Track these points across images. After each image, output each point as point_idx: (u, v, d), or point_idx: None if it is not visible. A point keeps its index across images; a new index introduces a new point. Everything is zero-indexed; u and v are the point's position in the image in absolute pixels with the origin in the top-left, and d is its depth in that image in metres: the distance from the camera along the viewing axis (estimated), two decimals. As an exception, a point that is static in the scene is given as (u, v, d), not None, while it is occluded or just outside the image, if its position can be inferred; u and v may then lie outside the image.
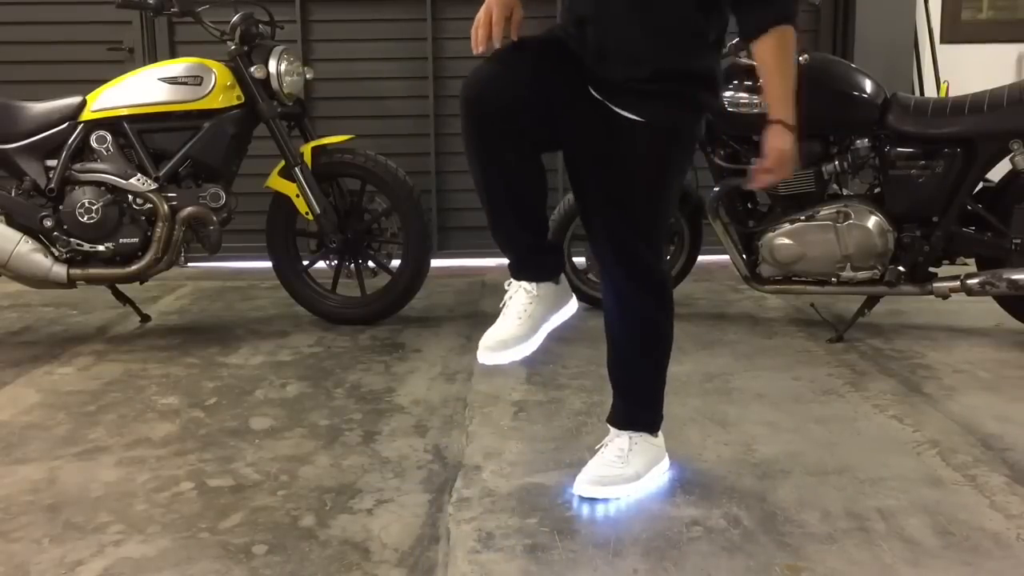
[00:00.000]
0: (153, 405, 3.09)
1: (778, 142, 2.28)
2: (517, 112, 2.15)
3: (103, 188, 3.73)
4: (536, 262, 2.33)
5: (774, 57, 2.24)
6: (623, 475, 2.36)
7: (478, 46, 2.22)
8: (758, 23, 2.21)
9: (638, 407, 2.45)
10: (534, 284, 2.31)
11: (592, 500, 2.33)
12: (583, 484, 2.37)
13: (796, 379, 3.27)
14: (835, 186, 3.82)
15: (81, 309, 4.37)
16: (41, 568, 2.05)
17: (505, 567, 2.04)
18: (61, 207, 3.73)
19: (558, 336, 3.81)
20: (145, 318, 4.16)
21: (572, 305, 2.41)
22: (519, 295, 2.31)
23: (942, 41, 5.45)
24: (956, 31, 5.51)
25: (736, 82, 3.74)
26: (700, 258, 4.28)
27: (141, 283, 3.97)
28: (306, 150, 3.91)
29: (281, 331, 3.99)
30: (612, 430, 2.45)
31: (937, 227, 3.65)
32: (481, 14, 2.21)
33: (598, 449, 2.44)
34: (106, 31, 5.28)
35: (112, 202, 3.73)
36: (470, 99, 2.18)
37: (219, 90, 3.76)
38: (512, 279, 2.34)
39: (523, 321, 2.29)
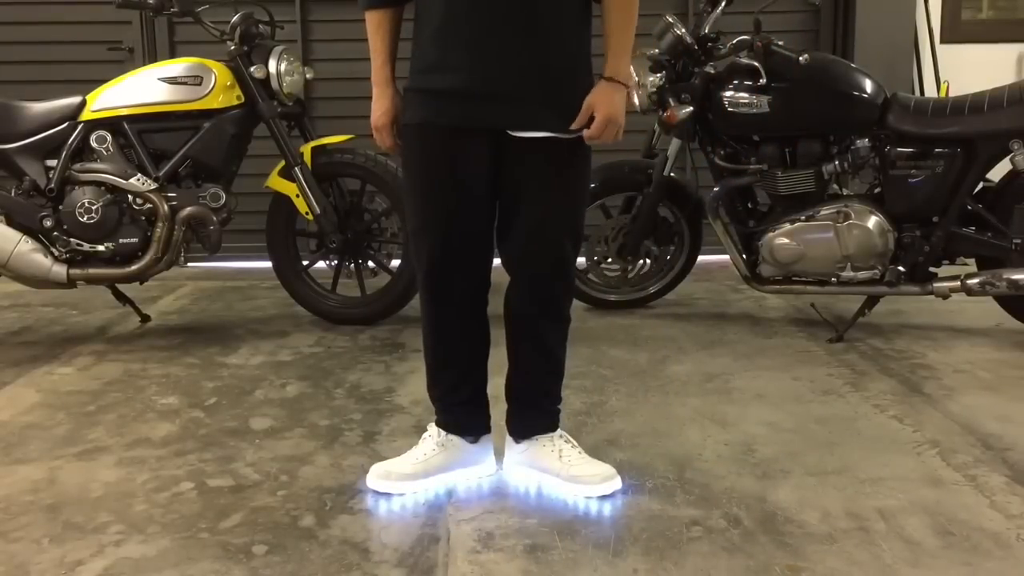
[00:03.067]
0: (153, 405, 3.09)
1: (613, 99, 2.20)
2: (481, 275, 2.33)
3: (103, 188, 3.73)
4: (458, 417, 2.44)
5: (620, 12, 2.22)
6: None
7: (388, 147, 2.37)
8: None
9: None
10: (445, 435, 2.43)
11: (593, 500, 2.33)
12: (597, 487, 2.36)
13: (796, 379, 3.27)
14: (835, 186, 3.83)
15: (81, 309, 4.37)
16: (41, 568, 2.05)
17: (505, 567, 2.04)
18: (61, 207, 3.73)
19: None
20: (145, 318, 4.16)
21: (487, 467, 2.48)
22: (429, 441, 2.45)
23: (942, 41, 5.45)
24: (956, 31, 5.51)
25: (736, 82, 3.74)
26: (700, 258, 4.29)
27: (141, 283, 3.96)
28: (306, 150, 3.91)
29: (281, 331, 3.99)
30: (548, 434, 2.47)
31: (937, 227, 3.65)
32: (384, 121, 2.32)
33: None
34: (106, 31, 5.28)
35: (112, 202, 3.72)
36: (429, 276, 2.34)
37: (219, 90, 3.76)
38: (434, 423, 2.47)
39: (418, 464, 2.41)
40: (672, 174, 4.08)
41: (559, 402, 2.49)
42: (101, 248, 3.74)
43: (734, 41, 3.74)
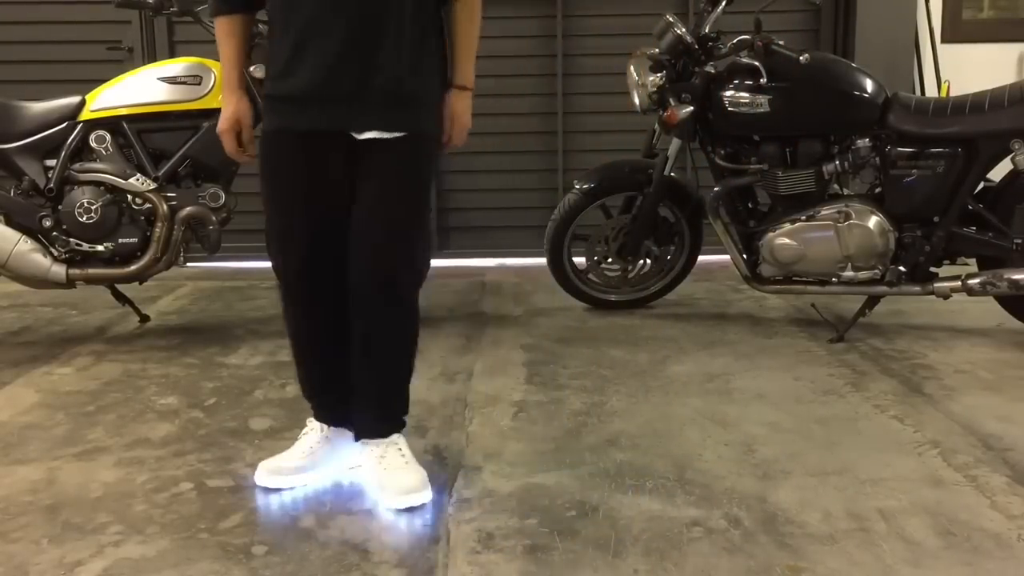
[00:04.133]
0: (152, 405, 3.09)
1: (465, 107, 2.36)
2: (343, 275, 2.33)
3: (102, 188, 3.72)
4: (336, 409, 2.49)
5: (465, 23, 2.32)
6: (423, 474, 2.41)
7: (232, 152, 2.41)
8: None
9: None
10: (328, 427, 2.50)
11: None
12: (397, 498, 2.34)
13: (797, 379, 3.27)
14: (836, 186, 3.83)
15: (80, 309, 4.37)
16: (40, 568, 2.05)
17: (505, 567, 2.03)
18: (60, 207, 3.72)
19: (558, 336, 3.84)
20: (144, 318, 4.15)
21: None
22: (312, 434, 2.50)
23: (943, 41, 5.45)
24: (957, 31, 5.51)
25: (736, 82, 3.74)
26: (700, 258, 4.28)
27: (140, 283, 3.96)
28: (306, 150, 3.90)
29: (281, 331, 3.93)
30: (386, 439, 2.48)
31: (938, 227, 3.65)
32: (226, 127, 2.37)
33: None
34: (106, 31, 5.28)
35: (111, 202, 3.72)
36: (290, 281, 2.40)
37: (219, 90, 3.74)
38: (312, 418, 2.52)
39: (305, 456, 2.47)
40: (672, 174, 4.07)
41: (398, 407, 2.49)
42: (100, 248, 3.74)
43: (734, 41, 3.74)
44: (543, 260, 4.31)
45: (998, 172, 3.66)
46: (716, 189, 3.87)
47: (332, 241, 2.31)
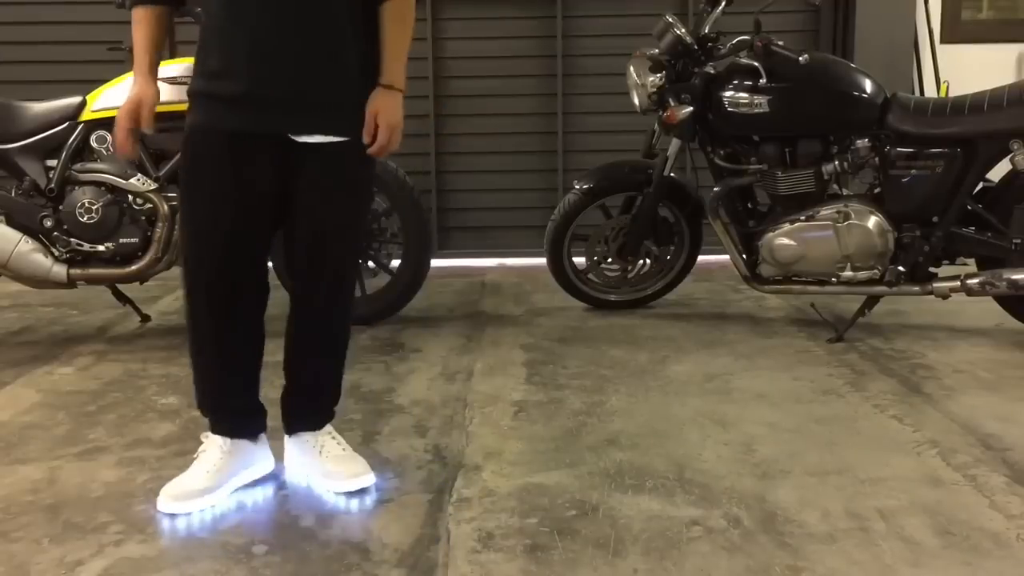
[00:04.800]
0: (153, 405, 3.09)
1: (392, 105, 2.28)
2: (262, 279, 2.39)
3: (103, 188, 3.73)
4: (241, 420, 2.45)
5: (396, 23, 2.29)
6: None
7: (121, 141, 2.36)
8: None
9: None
10: (229, 440, 2.42)
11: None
12: (345, 483, 2.40)
13: (796, 379, 3.27)
14: (835, 186, 3.83)
15: (81, 309, 4.37)
16: (41, 568, 2.05)
17: (505, 567, 2.04)
18: (61, 207, 3.73)
19: (558, 336, 3.85)
20: (145, 318, 4.16)
21: (267, 464, 2.50)
22: (213, 450, 2.41)
23: (942, 41, 5.45)
24: (956, 31, 5.51)
25: (736, 82, 3.74)
26: (700, 258, 4.29)
27: (141, 283, 3.96)
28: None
29: (281, 331, 3.94)
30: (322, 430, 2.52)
31: (937, 227, 3.65)
32: (128, 108, 2.33)
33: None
34: (106, 31, 5.25)
35: (112, 202, 3.72)
36: (210, 282, 2.33)
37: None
38: (209, 432, 2.44)
39: (211, 475, 2.37)
40: (672, 174, 4.08)
41: (336, 398, 2.55)
42: (101, 248, 3.74)
43: (734, 41, 3.74)
44: (543, 260, 4.31)
45: (997, 172, 3.67)
46: (716, 189, 3.88)
47: (255, 242, 2.33)
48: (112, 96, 3.75)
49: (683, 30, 3.82)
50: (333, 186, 2.30)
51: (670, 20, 3.87)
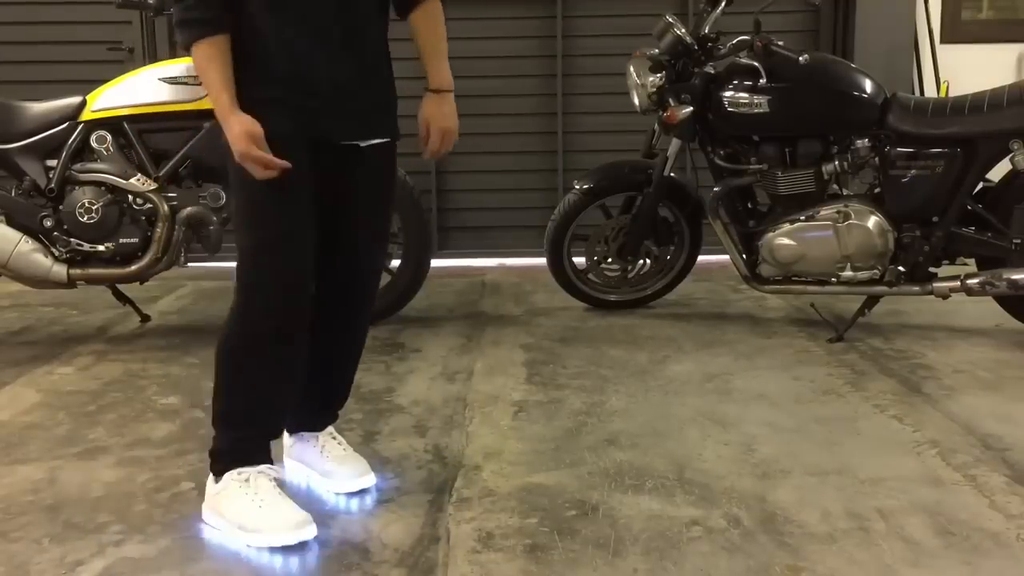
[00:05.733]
0: (153, 405, 3.09)
1: (448, 110, 2.28)
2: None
3: (103, 188, 3.73)
4: (267, 445, 2.27)
5: (438, 21, 2.27)
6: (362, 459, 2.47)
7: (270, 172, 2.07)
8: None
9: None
10: (267, 466, 2.24)
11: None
12: (348, 483, 2.41)
13: (796, 379, 3.27)
14: (835, 186, 3.83)
15: (81, 309, 4.37)
16: (41, 568, 2.05)
17: (505, 567, 2.04)
18: (61, 207, 3.73)
19: (558, 336, 3.85)
20: (145, 318, 4.16)
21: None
22: (264, 477, 2.20)
23: (942, 41, 5.45)
24: (956, 31, 5.51)
25: (736, 82, 3.74)
26: (700, 258, 4.29)
27: (141, 283, 3.96)
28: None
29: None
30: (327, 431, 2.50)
31: (937, 227, 3.65)
32: (252, 144, 2.04)
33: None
34: (106, 31, 5.28)
35: (112, 202, 3.72)
36: (289, 299, 2.16)
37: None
38: (245, 467, 2.20)
39: (292, 506, 2.18)
40: (672, 174, 4.08)
41: (345, 399, 2.55)
42: (101, 248, 3.74)
43: (734, 41, 3.74)
44: (543, 260, 4.31)
45: (997, 172, 3.67)
46: (716, 189, 3.88)
47: (314, 251, 2.18)
48: (112, 96, 3.75)
49: (683, 30, 3.82)
50: (379, 189, 2.29)
51: (670, 20, 3.87)
